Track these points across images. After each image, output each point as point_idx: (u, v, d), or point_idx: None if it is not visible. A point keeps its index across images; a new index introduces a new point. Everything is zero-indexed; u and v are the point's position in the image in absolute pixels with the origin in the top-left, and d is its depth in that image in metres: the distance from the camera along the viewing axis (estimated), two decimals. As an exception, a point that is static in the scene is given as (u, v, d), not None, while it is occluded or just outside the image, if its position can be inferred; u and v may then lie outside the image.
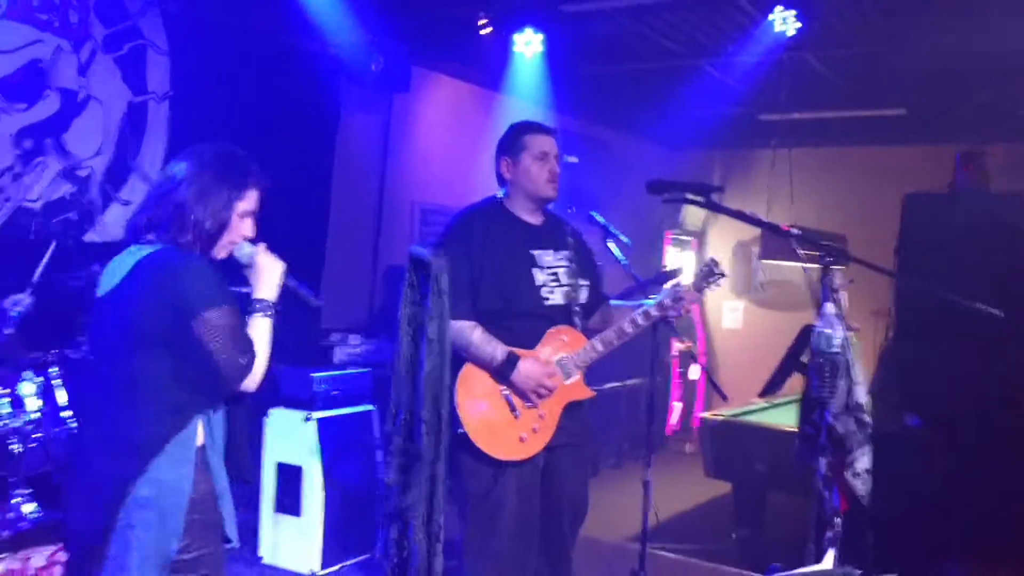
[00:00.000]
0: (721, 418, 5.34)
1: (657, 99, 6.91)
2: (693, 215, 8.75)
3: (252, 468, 2.42)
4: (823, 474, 2.48)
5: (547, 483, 3.07)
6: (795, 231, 2.60)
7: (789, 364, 2.66)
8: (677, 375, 8.26)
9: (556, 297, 3.10)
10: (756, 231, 7.94)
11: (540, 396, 2.98)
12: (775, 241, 6.10)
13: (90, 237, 4.45)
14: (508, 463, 2.93)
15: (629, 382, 7.15)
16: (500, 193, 3.24)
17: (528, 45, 5.56)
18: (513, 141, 3.19)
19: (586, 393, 3.12)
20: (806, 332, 2.56)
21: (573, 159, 7.26)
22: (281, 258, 2.31)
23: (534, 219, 3.19)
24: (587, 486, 3.24)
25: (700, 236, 8.99)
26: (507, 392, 2.97)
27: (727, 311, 8.92)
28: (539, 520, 3.04)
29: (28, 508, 2.95)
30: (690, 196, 2.76)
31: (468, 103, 6.77)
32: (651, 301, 3.14)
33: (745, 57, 5.83)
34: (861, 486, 2.50)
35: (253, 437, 4.22)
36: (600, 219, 3.87)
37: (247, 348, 2.08)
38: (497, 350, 2.93)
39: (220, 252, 2.19)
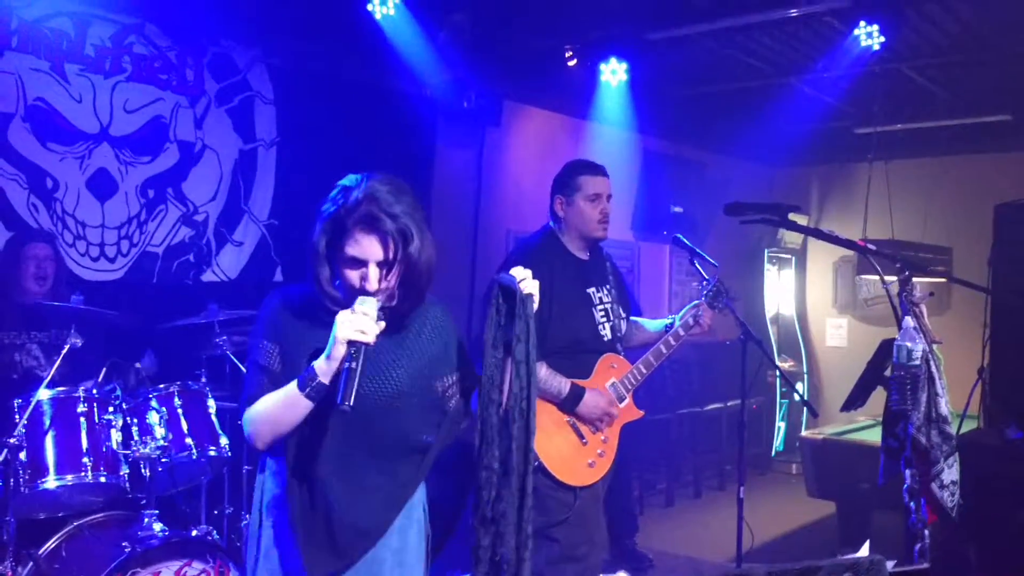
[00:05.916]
0: (822, 437, 5.26)
1: (748, 118, 6.88)
2: (791, 233, 8.63)
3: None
4: (909, 486, 2.49)
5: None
6: (870, 246, 2.63)
7: (870, 379, 2.67)
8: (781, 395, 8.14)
9: (607, 331, 3.25)
10: (857, 246, 7.80)
11: (603, 423, 3.13)
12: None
13: (207, 277, 4.80)
14: (581, 487, 3.07)
15: (731, 403, 7.10)
16: (551, 224, 3.29)
17: (614, 74, 5.68)
18: (568, 181, 3.23)
19: (637, 414, 3.27)
20: (886, 346, 2.57)
21: (678, 209, 7.34)
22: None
23: (583, 254, 3.29)
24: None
25: (799, 253, 8.84)
26: (573, 421, 3.11)
27: (831, 328, 8.71)
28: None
29: (157, 527, 3.19)
30: (766, 216, 2.84)
31: (557, 132, 6.94)
32: (677, 322, 3.28)
33: (836, 72, 5.78)
34: (948, 497, 2.49)
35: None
36: (686, 242, 3.96)
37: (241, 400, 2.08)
38: (563, 384, 3.06)
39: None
